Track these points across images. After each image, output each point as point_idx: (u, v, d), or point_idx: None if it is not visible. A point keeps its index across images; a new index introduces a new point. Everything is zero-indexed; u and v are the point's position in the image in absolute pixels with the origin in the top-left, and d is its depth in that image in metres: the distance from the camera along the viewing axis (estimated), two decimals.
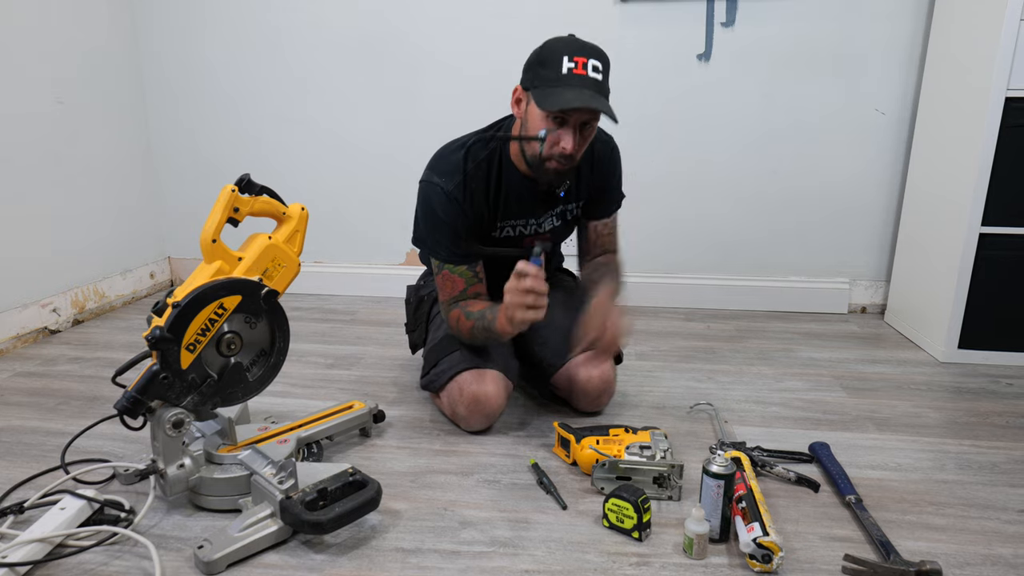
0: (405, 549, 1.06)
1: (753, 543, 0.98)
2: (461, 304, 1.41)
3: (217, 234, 1.12)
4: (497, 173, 1.40)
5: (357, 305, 2.44)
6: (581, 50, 1.24)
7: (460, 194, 1.36)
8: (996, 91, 1.68)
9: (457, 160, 1.37)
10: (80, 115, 2.22)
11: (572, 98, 1.20)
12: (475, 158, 1.38)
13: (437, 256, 1.42)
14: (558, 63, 1.22)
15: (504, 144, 1.40)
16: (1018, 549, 1.07)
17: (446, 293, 1.42)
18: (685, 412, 1.55)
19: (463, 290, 1.41)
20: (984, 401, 1.63)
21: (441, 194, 1.36)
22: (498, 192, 1.41)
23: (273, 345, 1.19)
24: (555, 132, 1.26)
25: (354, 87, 2.40)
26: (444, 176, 1.37)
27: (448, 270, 1.40)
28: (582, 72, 1.22)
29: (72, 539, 1.05)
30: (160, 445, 1.08)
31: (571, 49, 1.23)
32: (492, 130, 1.44)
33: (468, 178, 1.36)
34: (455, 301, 1.42)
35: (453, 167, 1.37)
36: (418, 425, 1.49)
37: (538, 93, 1.24)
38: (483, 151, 1.38)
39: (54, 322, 2.12)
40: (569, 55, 1.22)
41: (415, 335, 1.66)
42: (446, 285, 1.42)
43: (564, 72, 1.22)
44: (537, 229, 1.48)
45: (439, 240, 1.39)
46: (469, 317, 1.37)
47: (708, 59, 2.21)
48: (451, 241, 1.38)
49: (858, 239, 2.31)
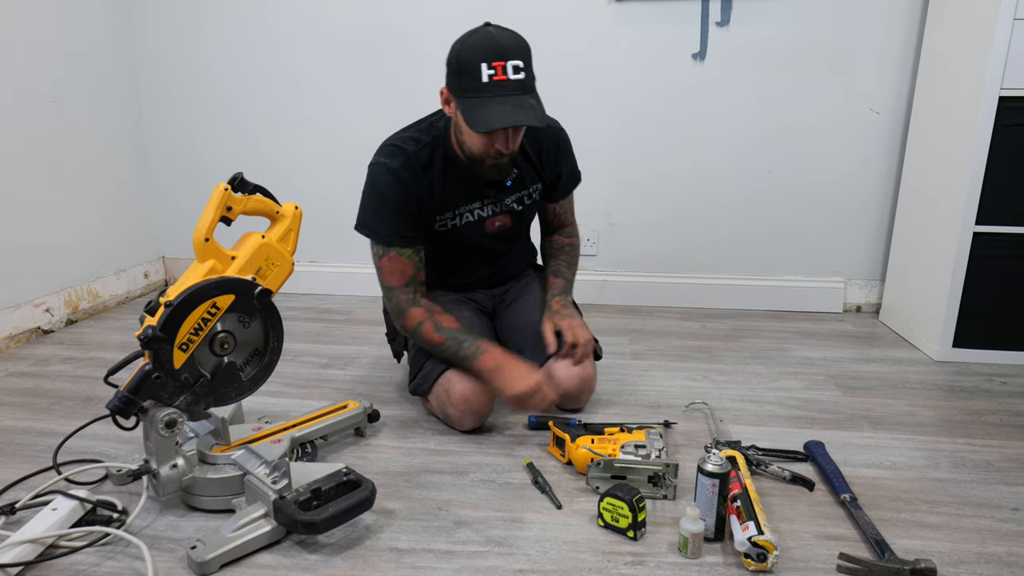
0: (399, 549, 1.06)
1: (748, 542, 0.98)
2: (426, 306, 1.40)
3: (210, 233, 1.11)
4: (443, 159, 1.40)
5: (352, 305, 2.43)
6: (498, 53, 1.22)
7: (406, 173, 1.36)
8: (990, 91, 1.69)
9: (400, 142, 1.38)
10: (74, 114, 2.20)
11: (496, 118, 1.20)
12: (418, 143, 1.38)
13: (380, 238, 1.39)
14: (477, 72, 1.22)
15: (444, 134, 1.40)
16: (1012, 547, 1.07)
17: (395, 278, 1.39)
18: (680, 411, 1.55)
19: (412, 275, 1.39)
20: (978, 400, 1.63)
21: (386, 172, 1.36)
22: (445, 178, 1.41)
23: (267, 344, 1.19)
24: (488, 136, 1.27)
25: (350, 86, 2.39)
26: (389, 157, 1.37)
27: (395, 252, 1.38)
28: (502, 77, 1.21)
29: (64, 540, 1.05)
30: (153, 445, 1.08)
31: (488, 54, 1.22)
32: (429, 121, 1.43)
33: (411, 157, 1.36)
34: (407, 288, 1.40)
35: (397, 150, 1.38)
36: (412, 425, 1.49)
37: (464, 105, 1.25)
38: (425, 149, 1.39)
39: (47, 322, 2.11)
40: (488, 61, 1.21)
41: (395, 343, 1.66)
42: (394, 269, 1.39)
43: (485, 81, 1.21)
44: (494, 209, 1.49)
45: (384, 219, 1.38)
46: (440, 332, 1.37)
47: (703, 59, 2.21)
48: (397, 219, 1.37)
49: (853, 238, 2.31)
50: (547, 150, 1.51)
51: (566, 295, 1.58)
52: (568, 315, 1.51)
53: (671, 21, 2.19)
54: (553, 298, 1.55)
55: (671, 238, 2.39)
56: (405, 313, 1.40)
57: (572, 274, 1.62)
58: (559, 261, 1.63)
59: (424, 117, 1.46)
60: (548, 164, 1.52)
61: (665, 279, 2.42)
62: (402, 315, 1.40)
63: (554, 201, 1.60)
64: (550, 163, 1.52)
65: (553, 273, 1.61)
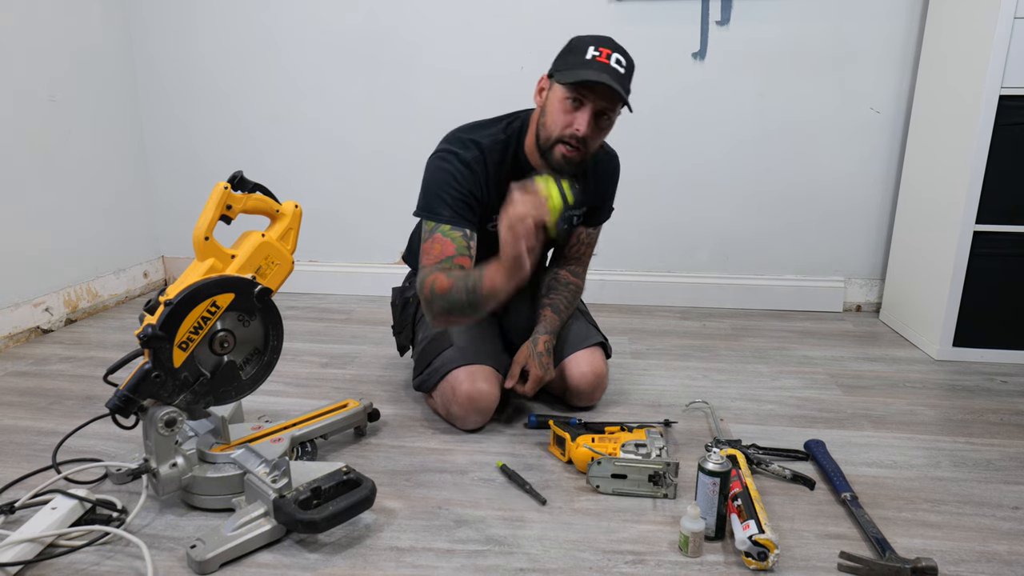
0: (400, 548, 1.06)
1: (749, 541, 0.98)
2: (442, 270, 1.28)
3: (210, 231, 1.11)
4: (512, 160, 1.39)
5: (352, 304, 2.43)
6: (609, 44, 1.27)
7: (477, 166, 1.35)
8: (990, 90, 1.69)
9: (477, 136, 1.37)
10: (73, 113, 2.20)
11: (592, 74, 1.22)
12: (493, 140, 1.37)
13: (436, 217, 1.33)
14: (583, 50, 1.26)
15: (520, 135, 1.39)
16: (1013, 546, 1.07)
17: (432, 256, 1.30)
18: (681, 410, 1.55)
19: (451, 256, 1.29)
20: (979, 399, 1.63)
21: (457, 160, 1.34)
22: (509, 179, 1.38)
23: (267, 343, 1.18)
24: (571, 114, 1.27)
25: (348, 85, 2.39)
26: (463, 148, 1.36)
27: (441, 233, 1.31)
28: (605, 61, 1.25)
29: (63, 539, 1.04)
30: (152, 444, 1.07)
31: (598, 41, 1.27)
32: (507, 121, 1.41)
33: (484, 152, 1.35)
34: (439, 265, 1.29)
35: (472, 143, 1.36)
36: (413, 424, 1.49)
37: (560, 75, 1.27)
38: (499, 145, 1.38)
39: (47, 321, 2.11)
40: (595, 45, 1.26)
41: (402, 337, 1.65)
42: (434, 247, 1.31)
43: (588, 57, 1.25)
44: None
45: (443, 199, 1.33)
46: (450, 276, 1.21)
47: (703, 58, 2.21)
48: (456, 202, 1.33)
49: (853, 237, 2.31)
50: (603, 173, 1.50)
51: (554, 336, 1.50)
52: (546, 363, 1.45)
53: (671, 20, 2.19)
54: (541, 335, 1.47)
55: (671, 237, 2.39)
56: (424, 280, 1.26)
57: (567, 315, 1.55)
58: (560, 296, 1.55)
59: (500, 116, 1.43)
60: (600, 187, 1.51)
61: (665, 278, 2.42)
62: (423, 284, 1.26)
63: (585, 225, 1.55)
64: (602, 186, 1.52)
65: (551, 307, 1.52)
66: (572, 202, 1.07)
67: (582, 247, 1.58)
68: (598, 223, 1.58)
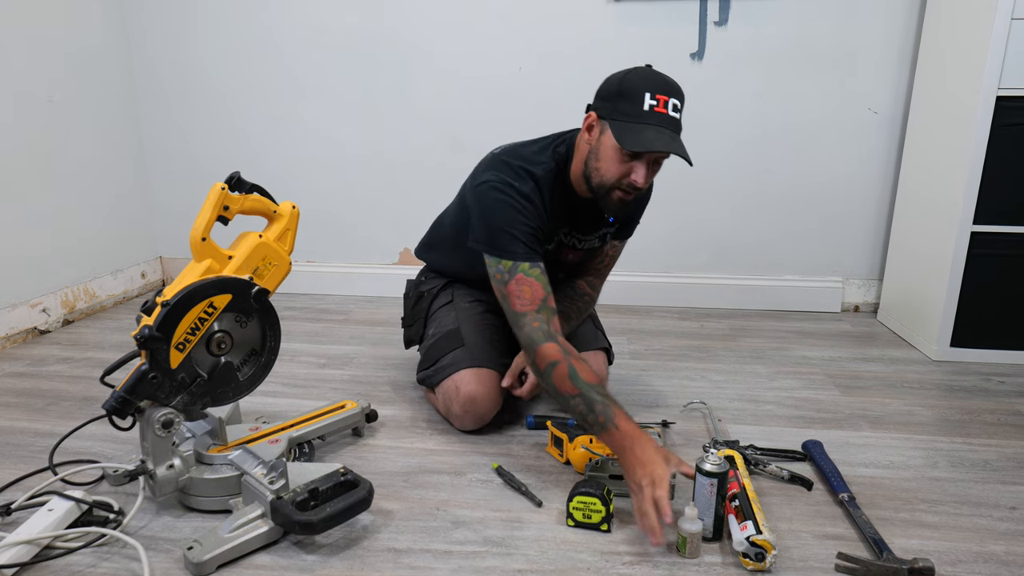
0: (397, 549, 1.06)
1: (746, 541, 0.98)
2: (563, 344, 1.22)
3: (207, 232, 1.11)
4: (561, 187, 1.37)
5: (350, 305, 2.43)
6: (664, 88, 1.21)
7: (536, 197, 1.32)
8: (987, 90, 1.69)
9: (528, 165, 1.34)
10: (71, 114, 2.20)
11: (654, 139, 1.18)
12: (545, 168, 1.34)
13: (512, 255, 1.28)
14: (640, 99, 1.20)
15: (566, 161, 1.36)
16: (1010, 546, 1.07)
17: (524, 302, 1.26)
18: (679, 411, 1.55)
19: (544, 299, 1.26)
20: (976, 399, 1.63)
21: (516, 194, 1.31)
22: (557, 205, 1.37)
23: (264, 344, 1.18)
24: (627, 164, 1.23)
25: (347, 86, 2.39)
26: (518, 179, 1.32)
27: (523, 273, 1.27)
28: (663, 111, 1.20)
29: (60, 541, 1.04)
30: (149, 445, 1.07)
31: (654, 86, 1.21)
32: (553, 146, 1.38)
33: (539, 182, 1.32)
34: (539, 314, 1.25)
35: (527, 173, 1.33)
36: (411, 425, 1.49)
37: (617, 127, 1.22)
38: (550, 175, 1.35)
39: (44, 322, 2.10)
40: (652, 92, 1.20)
41: (411, 330, 1.65)
42: (523, 291, 1.26)
43: (646, 108, 1.20)
44: (576, 243, 1.48)
45: (515, 236, 1.28)
46: (575, 383, 1.16)
47: (701, 58, 2.21)
48: (527, 237, 1.29)
49: (851, 238, 2.31)
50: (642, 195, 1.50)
51: None
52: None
53: (670, 21, 2.19)
54: None
55: (669, 237, 2.39)
56: (537, 348, 1.21)
57: (576, 325, 1.56)
58: (573, 306, 1.55)
59: (542, 138, 1.40)
60: (635, 207, 1.51)
61: (663, 278, 2.42)
62: (533, 349, 1.22)
63: (615, 239, 1.57)
64: (636, 205, 1.52)
65: (561, 315, 1.46)
66: None
67: (606, 259, 1.59)
68: (624, 237, 1.59)
